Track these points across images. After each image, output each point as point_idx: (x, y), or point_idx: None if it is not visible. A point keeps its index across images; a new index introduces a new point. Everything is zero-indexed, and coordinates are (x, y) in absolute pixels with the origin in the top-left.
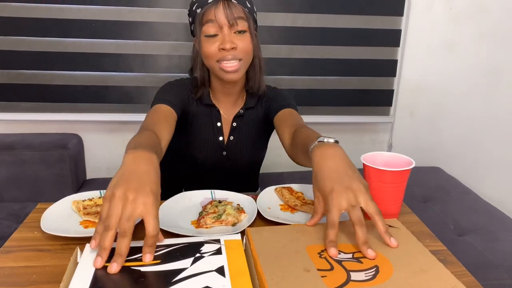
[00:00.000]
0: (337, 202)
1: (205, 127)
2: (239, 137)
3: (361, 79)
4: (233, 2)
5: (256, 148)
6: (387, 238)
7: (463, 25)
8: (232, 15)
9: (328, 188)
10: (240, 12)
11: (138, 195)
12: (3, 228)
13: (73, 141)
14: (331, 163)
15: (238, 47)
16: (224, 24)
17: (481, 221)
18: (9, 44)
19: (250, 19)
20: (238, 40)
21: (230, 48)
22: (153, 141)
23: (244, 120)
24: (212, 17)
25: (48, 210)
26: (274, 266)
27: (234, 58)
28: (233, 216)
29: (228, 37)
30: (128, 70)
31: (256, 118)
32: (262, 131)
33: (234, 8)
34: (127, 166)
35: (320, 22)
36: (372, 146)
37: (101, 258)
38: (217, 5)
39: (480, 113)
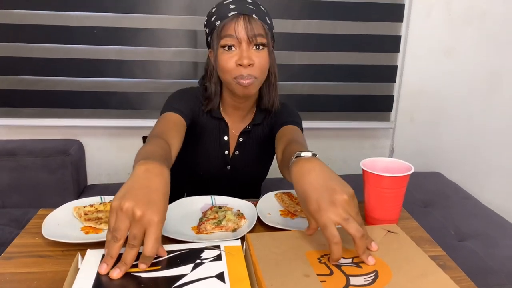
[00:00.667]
0: (328, 218)
1: (212, 140)
2: (244, 153)
3: (361, 85)
4: (254, 17)
5: (260, 164)
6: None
7: (462, 30)
8: (253, 31)
9: (314, 207)
10: (260, 29)
11: (145, 213)
12: (5, 234)
13: (74, 147)
14: (310, 179)
15: (255, 63)
16: (243, 40)
17: (481, 227)
18: (12, 50)
19: (269, 36)
20: (255, 56)
21: (247, 65)
22: (164, 151)
23: (250, 136)
24: (231, 31)
25: (49, 216)
26: (274, 271)
27: (250, 76)
28: (233, 222)
29: (246, 52)
30: (130, 76)
31: (262, 134)
32: (267, 147)
33: (254, 24)
34: (138, 178)
35: (320, 28)
36: (373, 151)
37: (107, 265)
38: (238, 20)
39: (480, 118)
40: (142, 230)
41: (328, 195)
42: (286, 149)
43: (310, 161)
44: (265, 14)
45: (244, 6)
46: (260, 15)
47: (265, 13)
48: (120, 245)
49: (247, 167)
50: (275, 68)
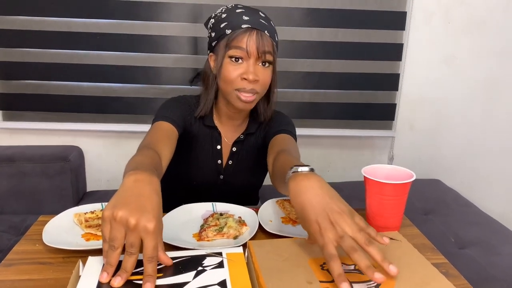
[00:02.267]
0: (327, 237)
1: (205, 149)
2: (237, 162)
3: (363, 93)
4: (266, 34)
5: (254, 173)
6: (386, 266)
7: (462, 39)
8: (263, 48)
9: (314, 228)
10: (269, 46)
11: (139, 221)
12: (3, 241)
13: (74, 154)
14: (309, 198)
15: (260, 80)
16: (252, 55)
17: (481, 234)
18: (16, 55)
19: (276, 53)
20: (261, 72)
21: (252, 80)
22: (154, 161)
23: (244, 145)
24: (243, 44)
25: (49, 223)
26: (277, 279)
27: (252, 91)
28: (234, 229)
29: (253, 68)
30: (131, 82)
31: (255, 144)
32: (261, 156)
33: (266, 40)
34: (128, 187)
35: (322, 36)
36: (372, 159)
37: (107, 274)
38: (251, 33)
39: (479, 126)
40: (139, 237)
41: (327, 214)
42: (276, 160)
43: (308, 178)
44: (274, 31)
45: (258, 20)
46: (270, 31)
47: (274, 30)
48: (119, 253)
49: (240, 177)
50: (275, 85)
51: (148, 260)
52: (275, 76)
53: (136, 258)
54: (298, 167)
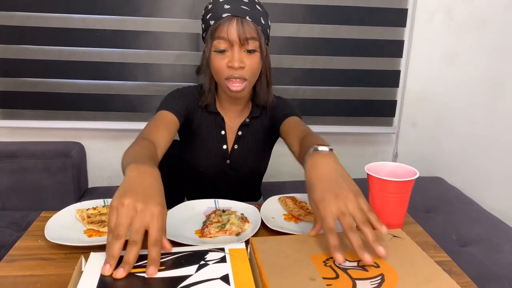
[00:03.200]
0: (329, 210)
1: (209, 135)
2: (243, 146)
3: (364, 89)
4: (247, 20)
5: (260, 157)
6: (376, 247)
7: (465, 36)
8: (244, 34)
9: (318, 196)
10: (252, 32)
11: (146, 206)
12: (5, 237)
13: (76, 150)
14: (322, 172)
15: (246, 66)
16: (235, 43)
17: (483, 232)
18: (15, 52)
19: (262, 38)
20: (247, 59)
21: (238, 67)
22: (151, 153)
23: (249, 129)
24: (224, 34)
25: (52, 219)
26: (279, 275)
27: (240, 77)
28: (237, 226)
29: (237, 55)
30: (132, 79)
31: (261, 127)
32: (267, 140)
33: (247, 27)
34: (132, 178)
35: (323, 32)
36: (375, 156)
37: (110, 266)
38: (230, 22)
39: (482, 123)
40: (144, 223)
41: (335, 188)
42: (303, 142)
43: (325, 156)
44: (261, 13)
45: (239, 7)
46: (254, 16)
47: (261, 13)
48: (122, 243)
49: (246, 161)
50: (267, 69)
51: (153, 244)
52: (267, 59)
53: (139, 249)
54: (319, 146)
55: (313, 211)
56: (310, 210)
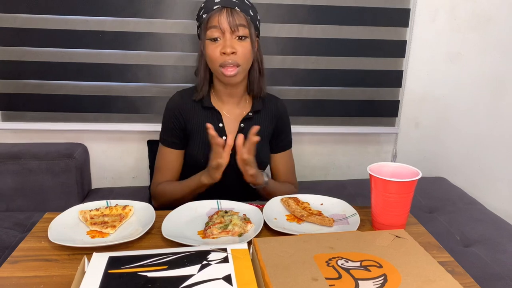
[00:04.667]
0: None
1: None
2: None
3: (366, 89)
4: (236, 10)
5: (262, 148)
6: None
7: (467, 36)
8: (234, 22)
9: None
10: (242, 20)
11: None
12: (9, 238)
13: (79, 151)
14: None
15: (238, 52)
16: (226, 30)
17: (487, 232)
18: (17, 54)
19: (251, 26)
20: (238, 45)
21: (230, 53)
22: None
23: (251, 123)
24: (215, 23)
25: (55, 220)
26: (282, 276)
27: (234, 63)
28: (239, 227)
29: (229, 41)
30: (134, 81)
31: (263, 123)
32: (267, 135)
33: (236, 16)
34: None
35: (325, 32)
36: (377, 156)
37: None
38: (221, 12)
39: (484, 123)
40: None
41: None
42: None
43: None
44: (249, 6)
45: (228, 0)
46: (243, 7)
47: (249, 6)
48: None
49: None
50: (259, 56)
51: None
52: (259, 49)
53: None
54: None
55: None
56: (313, 211)
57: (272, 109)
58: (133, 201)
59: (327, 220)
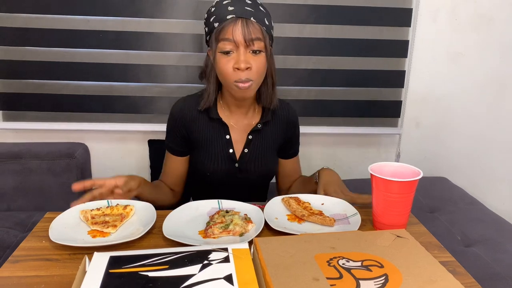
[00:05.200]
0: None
1: (214, 140)
2: (254, 150)
3: (368, 90)
4: (252, 20)
5: (270, 161)
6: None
7: (469, 35)
8: (250, 35)
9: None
10: (257, 32)
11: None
12: (10, 237)
13: (80, 151)
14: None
15: (252, 67)
16: (240, 44)
17: (488, 232)
18: (18, 54)
19: (266, 38)
20: (253, 60)
21: (245, 68)
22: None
23: (260, 134)
24: (229, 36)
25: (56, 220)
26: (283, 275)
27: (248, 80)
28: (240, 226)
29: (243, 56)
30: (135, 80)
31: (273, 134)
32: (277, 146)
33: (252, 28)
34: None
35: (327, 32)
36: (378, 157)
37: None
38: (235, 23)
39: (486, 123)
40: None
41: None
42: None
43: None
44: (264, 14)
45: (243, 9)
46: (258, 17)
47: (264, 14)
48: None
49: (257, 164)
50: (273, 70)
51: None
52: (270, 61)
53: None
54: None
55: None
56: (314, 210)
57: (282, 117)
58: (134, 200)
59: (328, 220)
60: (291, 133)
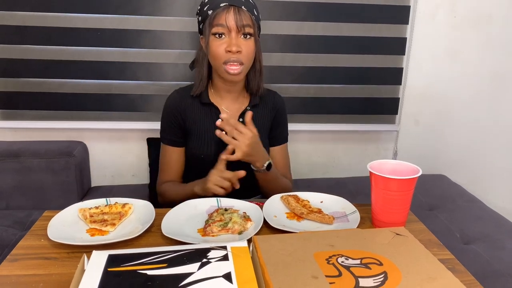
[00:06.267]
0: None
1: (206, 125)
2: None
3: (366, 87)
4: (243, 9)
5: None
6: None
7: (467, 33)
8: (241, 21)
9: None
10: (248, 19)
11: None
12: (8, 236)
13: (79, 149)
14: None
15: (243, 51)
16: (232, 29)
17: (487, 230)
18: (16, 52)
19: (255, 26)
20: (243, 44)
21: (236, 51)
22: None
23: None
24: (222, 21)
25: (54, 218)
26: (282, 274)
27: (238, 61)
28: (239, 224)
29: (235, 40)
30: (133, 79)
31: (261, 117)
32: (265, 129)
33: (243, 15)
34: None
35: (325, 30)
36: (377, 154)
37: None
38: (228, 10)
39: (484, 120)
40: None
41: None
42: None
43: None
44: (253, 6)
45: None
46: (248, 7)
47: (253, 6)
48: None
49: None
50: (260, 55)
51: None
52: (258, 47)
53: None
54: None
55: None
56: (313, 208)
57: (269, 102)
58: (133, 199)
59: (327, 217)
60: (278, 117)
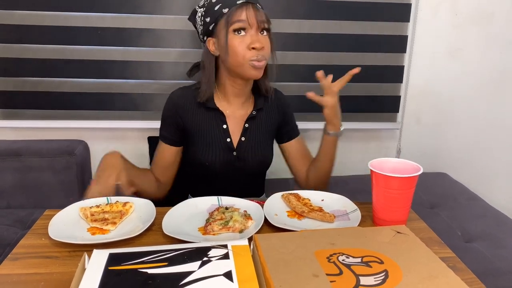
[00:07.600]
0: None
1: (211, 131)
2: (250, 138)
3: (368, 85)
4: (259, 6)
5: (266, 147)
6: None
7: (469, 31)
8: (261, 17)
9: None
10: (264, 16)
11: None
12: (10, 235)
13: (80, 148)
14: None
15: (265, 47)
16: (253, 25)
17: (488, 228)
18: (16, 51)
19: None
20: (264, 40)
21: (260, 48)
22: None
23: (255, 121)
24: (243, 17)
25: (55, 217)
26: (283, 272)
27: (263, 58)
28: (240, 223)
29: (257, 37)
30: (134, 77)
31: (267, 119)
32: (271, 132)
33: (261, 11)
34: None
35: (326, 28)
36: (379, 152)
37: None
38: (247, 7)
39: (486, 118)
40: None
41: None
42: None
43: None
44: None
45: None
46: (261, 4)
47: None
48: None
49: (254, 152)
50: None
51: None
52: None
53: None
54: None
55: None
56: (314, 207)
57: (273, 102)
58: (134, 197)
59: (328, 216)
60: (285, 113)
